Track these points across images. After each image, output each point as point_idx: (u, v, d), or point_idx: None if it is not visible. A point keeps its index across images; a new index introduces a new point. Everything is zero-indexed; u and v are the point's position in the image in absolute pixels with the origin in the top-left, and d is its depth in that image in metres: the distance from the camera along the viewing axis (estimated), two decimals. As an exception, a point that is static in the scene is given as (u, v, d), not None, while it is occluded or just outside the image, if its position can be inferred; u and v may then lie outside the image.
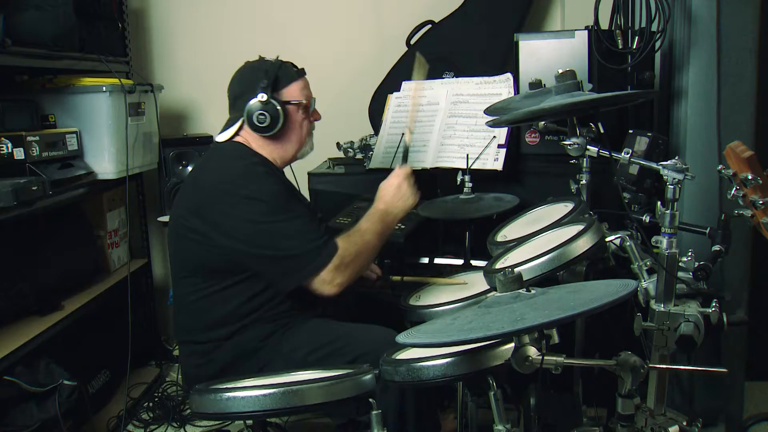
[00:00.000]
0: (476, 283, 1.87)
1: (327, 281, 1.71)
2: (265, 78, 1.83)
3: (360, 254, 1.77)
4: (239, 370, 1.74)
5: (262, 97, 1.82)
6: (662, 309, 1.46)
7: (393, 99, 2.59)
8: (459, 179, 2.18)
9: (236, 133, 1.88)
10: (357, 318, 1.90)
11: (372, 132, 2.74)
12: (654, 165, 1.46)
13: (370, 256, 1.83)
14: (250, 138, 1.87)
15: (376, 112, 2.74)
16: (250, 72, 1.88)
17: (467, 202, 2.10)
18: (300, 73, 1.91)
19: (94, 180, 2.43)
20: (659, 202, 1.45)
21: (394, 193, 1.90)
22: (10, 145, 2.04)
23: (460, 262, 2.18)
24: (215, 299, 1.79)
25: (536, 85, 2.10)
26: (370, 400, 1.30)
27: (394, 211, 1.89)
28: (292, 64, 1.91)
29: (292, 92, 1.87)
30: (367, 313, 1.98)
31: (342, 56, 3.06)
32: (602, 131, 1.67)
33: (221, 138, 1.90)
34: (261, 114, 1.82)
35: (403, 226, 2.11)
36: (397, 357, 1.39)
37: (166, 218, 2.74)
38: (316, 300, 1.79)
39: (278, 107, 1.83)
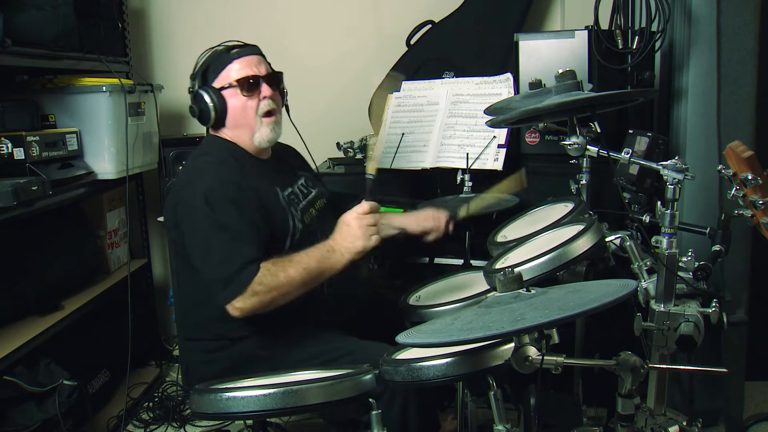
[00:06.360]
0: (476, 283, 1.87)
1: (235, 306, 1.58)
2: (195, 69, 1.80)
3: (278, 287, 1.59)
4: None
5: (192, 88, 1.80)
6: (662, 309, 1.46)
7: (393, 99, 2.59)
8: (459, 179, 2.18)
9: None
10: (359, 320, 1.89)
11: (372, 132, 2.74)
12: (654, 165, 1.46)
13: (290, 291, 1.61)
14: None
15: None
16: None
17: (467, 201, 2.10)
18: (239, 54, 1.78)
19: (94, 180, 2.43)
20: (659, 202, 1.45)
21: (344, 231, 1.67)
22: (10, 145, 2.04)
23: (460, 262, 2.18)
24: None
25: (536, 85, 2.10)
26: (370, 400, 1.30)
27: (340, 250, 1.66)
28: (234, 46, 1.82)
29: (225, 77, 1.77)
30: (368, 314, 1.98)
31: (342, 56, 3.05)
32: (599, 130, 1.67)
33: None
34: (192, 107, 1.80)
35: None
36: (397, 357, 1.39)
37: (166, 218, 2.74)
38: (317, 307, 1.78)
39: (207, 97, 1.76)
